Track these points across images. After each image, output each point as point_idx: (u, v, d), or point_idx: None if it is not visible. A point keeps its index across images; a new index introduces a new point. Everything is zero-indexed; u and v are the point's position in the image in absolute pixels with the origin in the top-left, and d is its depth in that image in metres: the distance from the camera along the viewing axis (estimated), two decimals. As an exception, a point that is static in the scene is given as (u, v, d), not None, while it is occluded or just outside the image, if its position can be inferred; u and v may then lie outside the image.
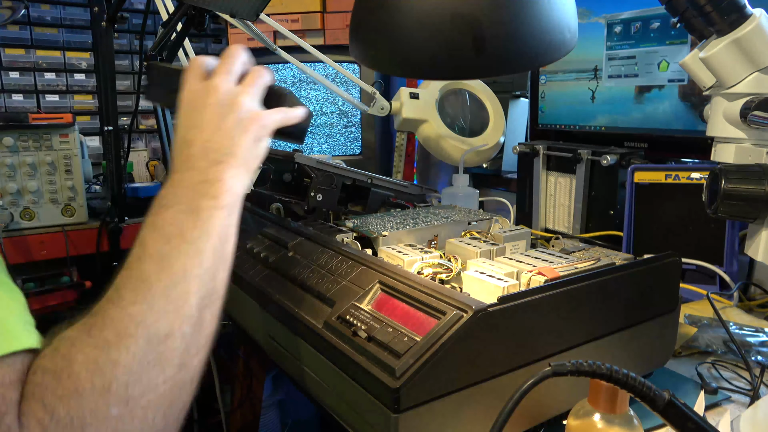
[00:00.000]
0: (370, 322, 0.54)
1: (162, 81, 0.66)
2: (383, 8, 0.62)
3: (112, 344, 0.39)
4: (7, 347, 0.37)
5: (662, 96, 1.09)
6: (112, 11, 1.24)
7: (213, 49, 1.94)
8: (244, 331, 0.83)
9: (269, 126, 0.55)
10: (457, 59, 0.60)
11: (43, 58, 1.66)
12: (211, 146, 0.50)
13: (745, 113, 0.60)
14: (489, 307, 0.50)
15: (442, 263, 0.67)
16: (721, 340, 0.76)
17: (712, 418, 0.62)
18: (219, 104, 0.52)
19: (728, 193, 0.60)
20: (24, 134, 1.26)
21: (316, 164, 0.92)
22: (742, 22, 0.60)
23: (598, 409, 0.45)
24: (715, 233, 0.95)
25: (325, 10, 1.66)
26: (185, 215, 0.46)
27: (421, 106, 1.36)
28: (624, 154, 1.08)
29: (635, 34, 1.11)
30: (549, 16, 0.61)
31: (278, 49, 1.27)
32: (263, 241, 0.83)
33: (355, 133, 1.72)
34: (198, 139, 0.50)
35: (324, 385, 0.59)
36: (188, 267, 0.44)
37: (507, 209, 1.40)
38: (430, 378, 0.48)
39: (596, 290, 0.59)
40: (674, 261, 0.66)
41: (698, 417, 0.40)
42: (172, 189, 0.48)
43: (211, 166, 0.49)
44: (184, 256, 0.45)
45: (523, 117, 1.55)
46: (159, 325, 0.41)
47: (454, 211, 0.91)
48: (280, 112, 0.57)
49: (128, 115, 1.75)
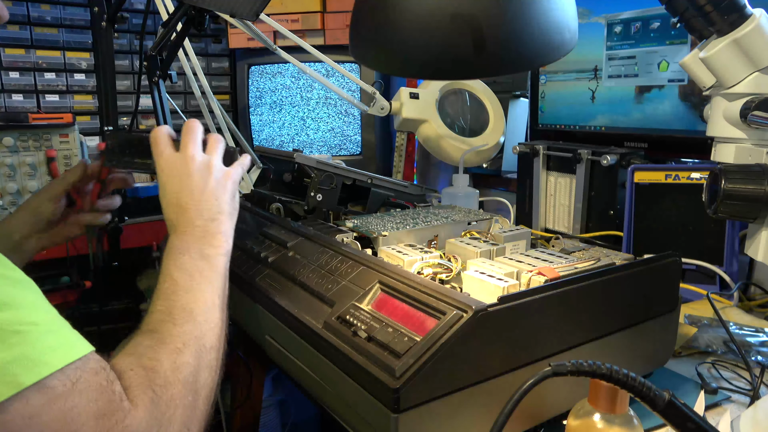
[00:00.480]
0: (370, 322, 0.54)
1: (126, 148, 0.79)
2: (383, 8, 0.62)
3: (182, 351, 0.52)
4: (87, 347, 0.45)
5: (662, 96, 1.09)
6: (112, 11, 1.24)
7: (213, 49, 1.94)
8: (244, 331, 0.83)
9: (237, 179, 0.71)
10: (457, 59, 0.60)
11: (43, 58, 1.65)
12: (203, 207, 0.65)
13: (745, 113, 0.60)
14: (489, 307, 0.50)
15: (442, 263, 0.67)
16: (721, 340, 0.76)
17: (712, 418, 0.62)
18: (198, 171, 0.67)
19: (728, 193, 0.60)
20: (24, 134, 1.26)
21: (316, 164, 0.92)
22: (742, 22, 0.60)
23: (598, 409, 0.45)
24: (715, 233, 0.95)
25: (325, 10, 1.66)
26: (200, 260, 0.61)
27: (421, 106, 1.36)
28: (624, 154, 1.08)
29: (635, 34, 1.11)
30: (549, 16, 0.61)
31: (278, 49, 1.27)
32: (263, 241, 0.83)
33: (355, 133, 1.72)
34: (191, 203, 0.65)
35: (324, 385, 0.59)
36: (212, 297, 0.59)
37: (507, 209, 1.40)
38: (430, 378, 0.48)
39: (596, 290, 0.59)
40: (674, 261, 0.66)
41: (698, 417, 0.40)
42: (182, 242, 0.62)
43: (207, 223, 0.64)
44: (208, 289, 0.59)
45: (523, 117, 1.55)
46: (205, 340, 0.55)
47: (454, 211, 0.91)
48: (239, 165, 0.73)
49: (128, 115, 1.75)
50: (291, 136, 1.78)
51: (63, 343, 0.43)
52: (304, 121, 1.76)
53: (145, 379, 0.48)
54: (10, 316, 0.41)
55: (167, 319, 0.55)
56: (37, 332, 0.42)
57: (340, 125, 1.73)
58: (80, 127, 1.39)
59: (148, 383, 0.48)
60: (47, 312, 0.44)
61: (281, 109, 1.77)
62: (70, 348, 0.44)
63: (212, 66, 1.94)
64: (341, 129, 1.74)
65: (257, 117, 1.82)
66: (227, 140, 0.80)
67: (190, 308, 0.56)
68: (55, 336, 0.43)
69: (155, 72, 1.11)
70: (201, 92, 1.36)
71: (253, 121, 1.83)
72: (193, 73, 1.34)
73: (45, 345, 0.42)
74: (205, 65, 1.92)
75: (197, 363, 0.53)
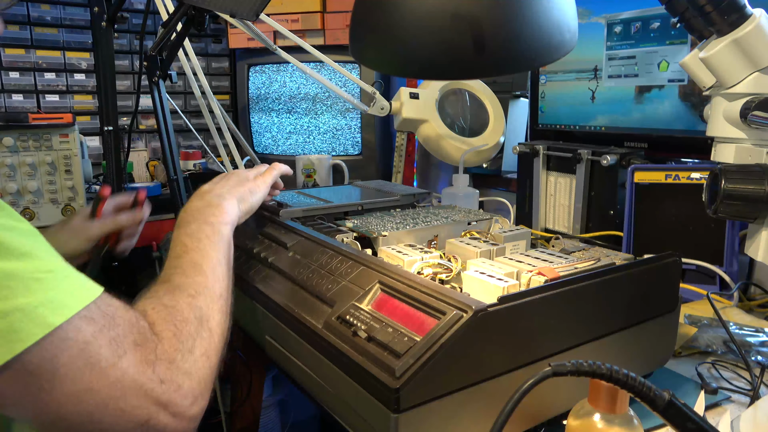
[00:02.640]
0: (370, 322, 0.54)
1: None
2: (383, 8, 0.62)
3: (195, 296, 0.58)
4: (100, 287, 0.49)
5: (662, 96, 1.09)
6: (112, 11, 1.24)
7: (213, 49, 1.94)
8: (244, 331, 0.83)
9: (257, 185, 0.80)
10: (457, 59, 0.60)
11: (43, 58, 1.65)
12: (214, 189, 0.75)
13: (745, 113, 0.60)
14: (489, 307, 0.50)
15: (442, 263, 0.67)
16: (721, 340, 0.76)
17: (712, 418, 0.62)
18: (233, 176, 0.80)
19: (728, 193, 0.60)
20: (24, 134, 1.26)
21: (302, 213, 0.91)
22: (742, 22, 0.60)
23: (598, 409, 0.45)
24: (715, 233, 0.95)
25: (325, 10, 1.66)
26: (205, 225, 0.68)
27: (421, 106, 1.36)
28: (624, 154, 1.08)
29: (635, 34, 1.11)
30: (549, 17, 0.61)
31: (278, 49, 1.27)
32: (263, 241, 0.83)
33: (355, 133, 1.72)
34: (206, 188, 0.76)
35: (324, 385, 0.59)
36: (217, 256, 0.65)
37: (507, 209, 1.40)
38: (430, 378, 0.48)
39: (596, 290, 0.59)
40: (674, 261, 0.66)
41: (698, 417, 0.40)
42: (190, 212, 0.71)
43: (213, 198, 0.73)
44: (214, 250, 0.65)
45: (523, 117, 1.55)
46: (214, 289, 0.61)
47: (454, 211, 0.91)
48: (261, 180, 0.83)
49: (128, 115, 1.75)
50: (291, 136, 1.78)
51: (81, 284, 0.47)
52: (304, 121, 1.75)
53: (167, 315, 0.54)
54: (29, 266, 0.43)
55: (179, 273, 0.61)
56: (54, 278, 0.45)
57: (340, 125, 1.73)
58: (80, 127, 1.39)
59: (170, 318, 0.54)
60: (58, 259, 0.47)
61: (281, 109, 1.77)
62: (89, 289, 0.48)
63: (212, 66, 1.94)
64: (341, 129, 1.74)
65: (257, 117, 1.82)
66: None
67: (199, 263, 0.62)
68: (71, 280, 0.47)
69: (155, 72, 1.11)
70: (201, 92, 1.36)
71: (253, 121, 1.83)
72: (193, 73, 1.34)
73: (65, 288, 0.45)
74: (205, 65, 1.92)
75: (209, 307, 0.58)
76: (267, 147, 1.82)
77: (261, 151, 1.82)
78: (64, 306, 0.44)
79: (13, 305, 0.41)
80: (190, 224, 0.68)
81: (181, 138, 1.89)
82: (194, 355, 0.53)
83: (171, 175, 1.13)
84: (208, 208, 0.71)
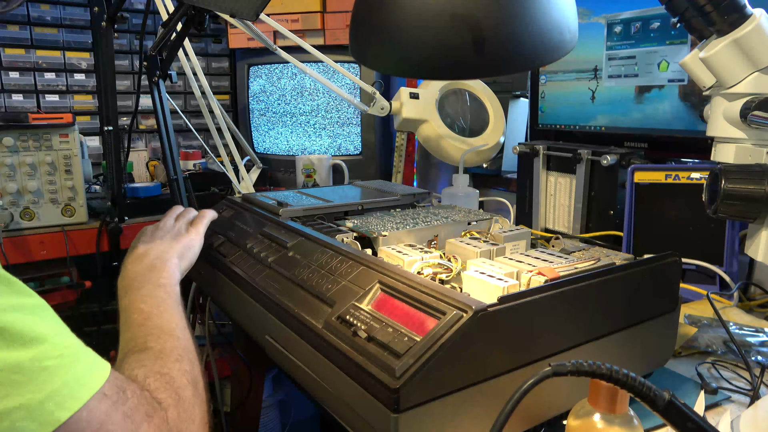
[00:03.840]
0: (370, 322, 0.54)
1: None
2: (383, 8, 0.62)
3: (180, 361, 0.57)
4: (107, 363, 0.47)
5: (662, 96, 1.09)
6: (112, 11, 1.24)
7: (213, 48, 1.94)
8: (244, 331, 0.83)
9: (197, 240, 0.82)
10: (457, 59, 0.60)
11: (43, 58, 1.66)
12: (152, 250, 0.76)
13: (745, 113, 0.60)
14: (489, 307, 0.50)
15: (442, 263, 0.67)
16: (721, 340, 0.76)
17: (712, 418, 0.62)
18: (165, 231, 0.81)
19: (728, 193, 0.60)
20: (24, 134, 1.26)
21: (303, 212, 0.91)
22: (742, 22, 0.60)
23: (598, 409, 0.45)
24: (715, 233, 0.95)
25: (325, 10, 1.66)
26: (158, 289, 0.69)
27: (421, 106, 1.36)
28: (624, 154, 1.08)
29: (635, 34, 1.11)
30: (549, 17, 0.61)
31: (278, 49, 1.27)
32: (263, 241, 0.83)
33: (355, 133, 1.72)
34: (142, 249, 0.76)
35: (324, 385, 0.59)
36: (177, 318, 0.65)
37: (507, 209, 1.40)
38: (430, 378, 0.48)
39: (596, 290, 0.59)
40: (674, 261, 0.66)
41: (698, 417, 0.40)
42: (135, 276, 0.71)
43: (155, 261, 0.74)
44: (175, 313, 0.66)
45: (523, 117, 1.55)
46: (191, 350, 0.61)
47: (454, 211, 0.91)
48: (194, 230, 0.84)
49: (128, 115, 1.75)
50: (291, 136, 1.78)
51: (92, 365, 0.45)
52: (304, 121, 1.75)
53: (166, 384, 0.52)
54: (36, 353, 0.40)
55: (153, 339, 0.59)
56: (63, 365, 0.42)
57: (340, 125, 1.73)
58: (80, 127, 1.39)
59: (170, 386, 0.52)
60: (67, 336, 0.44)
61: (281, 109, 1.77)
62: (100, 368, 0.45)
63: (212, 66, 1.94)
64: (341, 129, 1.74)
65: (257, 117, 1.82)
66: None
67: (168, 328, 0.62)
68: (81, 363, 0.43)
69: (155, 72, 1.11)
70: (201, 92, 1.36)
71: (252, 121, 1.83)
72: (193, 73, 1.34)
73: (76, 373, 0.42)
74: (205, 65, 1.92)
75: (194, 371, 0.58)
76: (267, 147, 1.82)
77: (261, 151, 1.82)
78: (74, 397, 0.41)
79: (16, 402, 0.38)
80: (140, 289, 0.68)
81: (181, 138, 1.90)
82: (195, 424, 0.52)
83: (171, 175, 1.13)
84: (153, 271, 0.71)
